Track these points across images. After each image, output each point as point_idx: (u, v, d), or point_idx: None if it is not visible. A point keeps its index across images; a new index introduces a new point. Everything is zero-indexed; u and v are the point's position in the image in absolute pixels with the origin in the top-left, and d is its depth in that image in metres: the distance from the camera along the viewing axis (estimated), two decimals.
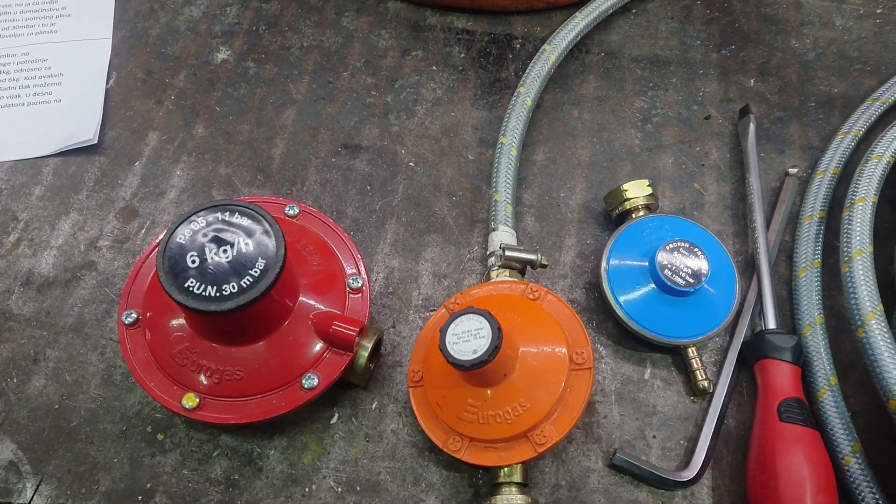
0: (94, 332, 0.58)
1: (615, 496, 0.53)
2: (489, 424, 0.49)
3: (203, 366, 0.50)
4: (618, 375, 0.57)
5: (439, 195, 0.65)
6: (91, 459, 0.53)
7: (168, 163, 0.66)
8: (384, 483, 0.53)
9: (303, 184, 0.65)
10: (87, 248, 0.62)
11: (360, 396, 0.56)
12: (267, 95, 0.70)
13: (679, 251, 0.56)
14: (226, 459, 0.53)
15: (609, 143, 0.68)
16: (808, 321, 0.57)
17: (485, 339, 0.46)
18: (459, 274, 0.61)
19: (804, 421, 0.51)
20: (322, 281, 0.54)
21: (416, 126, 0.69)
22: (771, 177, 0.66)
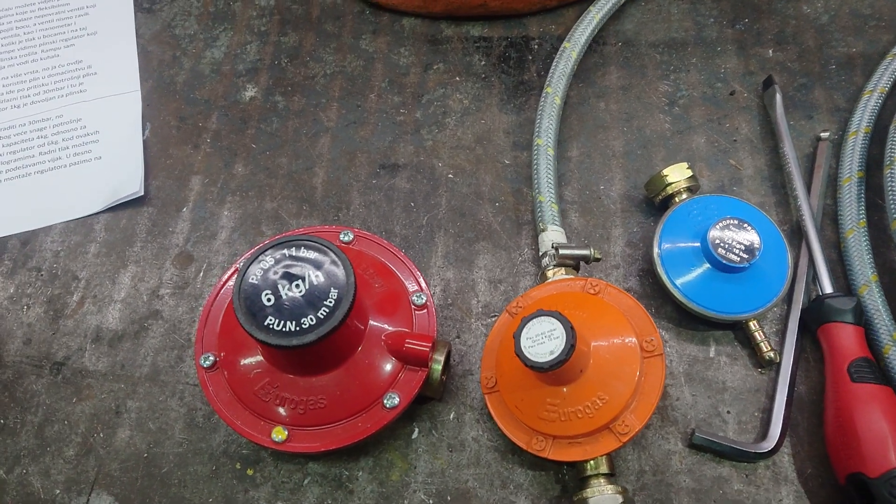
0: (169, 378, 0.60)
1: (699, 475, 0.54)
2: (571, 421, 0.51)
3: (286, 398, 0.52)
4: (684, 357, 0.58)
5: (482, 202, 0.66)
6: (187, 502, 0.55)
7: (214, 205, 0.68)
8: (473, 490, 0.54)
9: (348, 209, 0.67)
10: (150, 297, 0.63)
11: (437, 409, 0.57)
12: (299, 127, 0.72)
13: (730, 228, 0.57)
14: (317, 486, 0.55)
15: (640, 130, 0.69)
16: (863, 281, 0.58)
17: (559, 340, 0.47)
18: (514, 278, 0.62)
19: (875, 379, 0.52)
20: (387, 302, 0.55)
21: (448, 138, 0.70)
22: (804, 143, 0.67)
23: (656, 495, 0.53)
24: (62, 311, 0.63)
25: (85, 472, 0.56)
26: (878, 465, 0.49)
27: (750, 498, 0.53)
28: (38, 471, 0.56)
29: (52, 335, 0.62)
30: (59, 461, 0.57)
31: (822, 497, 0.53)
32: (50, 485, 0.56)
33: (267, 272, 0.49)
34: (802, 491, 0.53)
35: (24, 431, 0.58)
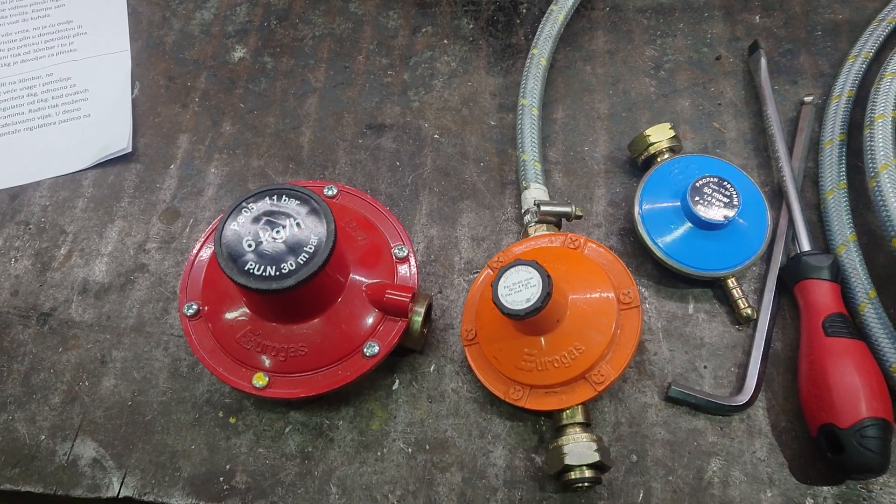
0: (154, 329, 0.60)
1: (675, 427, 0.55)
2: (547, 370, 0.51)
3: (268, 346, 0.52)
4: (662, 313, 0.59)
5: (467, 163, 0.67)
6: (170, 449, 0.56)
7: (202, 162, 0.68)
8: (452, 439, 0.55)
9: (334, 167, 0.67)
10: (137, 251, 0.64)
11: (418, 361, 0.58)
12: (287, 87, 0.72)
13: (709, 186, 0.57)
14: (298, 434, 0.56)
15: (625, 93, 0.70)
16: (842, 240, 0.59)
17: (536, 288, 0.48)
18: (497, 235, 0.63)
19: (849, 333, 0.53)
20: (369, 254, 0.56)
21: (435, 100, 0.70)
22: (787, 108, 0.68)
23: (631, 446, 0.54)
24: (49, 264, 0.64)
25: (70, 419, 0.57)
26: (849, 416, 0.49)
27: (724, 450, 0.54)
28: (24, 417, 0.57)
29: (39, 287, 0.63)
30: (45, 408, 0.57)
31: (794, 449, 0.54)
32: (35, 431, 0.57)
33: (249, 219, 0.49)
34: (775, 443, 0.54)
35: (10, 379, 0.59)
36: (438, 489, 0.53)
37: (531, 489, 0.53)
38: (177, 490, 0.54)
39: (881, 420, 0.49)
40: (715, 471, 0.53)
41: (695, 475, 0.53)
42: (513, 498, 0.53)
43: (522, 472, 0.54)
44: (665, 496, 0.52)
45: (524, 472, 0.54)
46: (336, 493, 0.54)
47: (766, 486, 0.52)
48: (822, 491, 0.52)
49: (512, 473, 0.54)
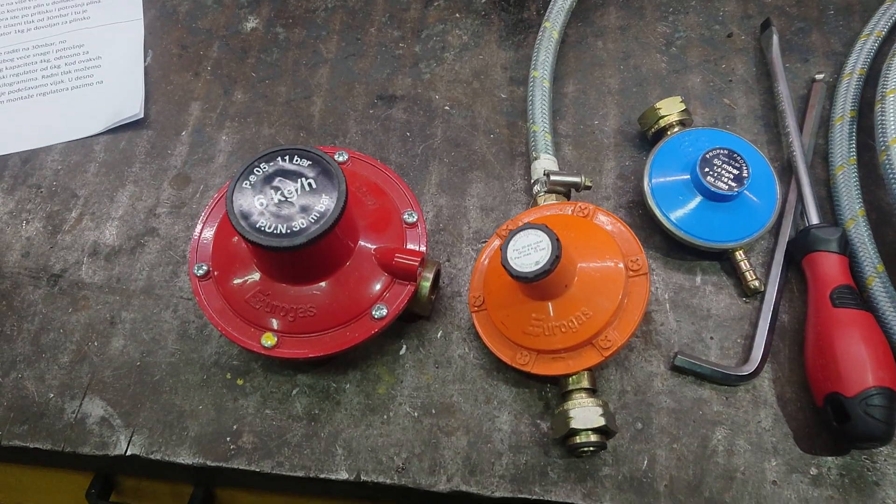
0: (164, 292, 0.61)
1: (680, 395, 0.55)
2: (555, 335, 0.52)
3: (277, 307, 0.53)
4: (670, 285, 0.59)
5: (477, 134, 0.67)
6: (177, 409, 0.56)
7: (213, 129, 0.68)
8: (457, 404, 0.55)
9: (344, 136, 0.67)
10: (147, 215, 0.64)
11: (425, 327, 0.58)
12: (299, 57, 0.72)
13: (719, 157, 0.57)
14: (305, 397, 0.56)
15: (636, 69, 0.70)
16: (850, 215, 0.59)
17: (545, 251, 0.48)
18: (506, 206, 0.63)
19: (857, 305, 0.53)
20: (379, 219, 0.56)
21: (446, 72, 0.71)
22: (798, 85, 0.68)
23: (636, 414, 0.54)
24: (60, 227, 0.64)
25: (78, 378, 0.57)
26: (855, 385, 0.49)
27: (729, 419, 0.54)
28: (33, 375, 0.58)
29: (50, 249, 0.63)
30: (54, 367, 0.58)
31: (799, 420, 0.54)
32: (44, 389, 0.57)
33: (261, 179, 0.50)
34: (781, 414, 0.54)
35: (20, 338, 0.59)
36: (444, 452, 0.54)
37: (536, 454, 0.53)
38: (184, 449, 0.55)
39: (887, 389, 0.49)
40: (720, 439, 0.53)
41: (699, 443, 0.53)
42: (517, 462, 0.53)
43: (528, 437, 0.54)
44: (669, 463, 0.53)
45: (529, 437, 0.54)
46: (342, 455, 0.54)
47: (771, 456, 0.53)
48: (827, 461, 0.52)
49: (517, 438, 0.54)
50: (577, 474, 0.53)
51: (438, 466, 0.53)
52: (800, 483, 0.52)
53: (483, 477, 0.53)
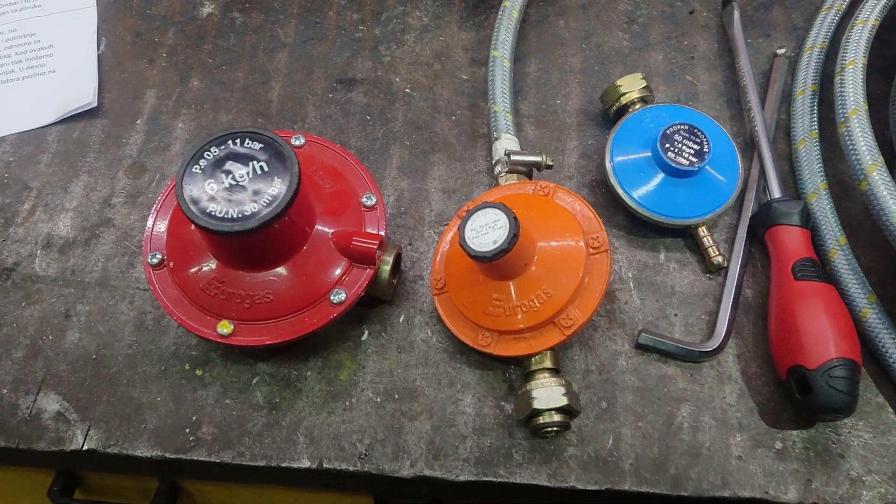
0: (120, 283, 0.59)
1: (644, 374, 0.54)
2: (516, 315, 0.51)
3: (232, 294, 0.52)
4: (633, 263, 0.59)
5: (438, 116, 0.66)
6: (135, 401, 0.55)
7: (169, 117, 0.67)
8: (421, 388, 0.54)
9: (303, 121, 0.66)
10: (102, 206, 0.63)
11: (387, 312, 0.57)
12: (257, 42, 0.71)
13: (679, 133, 0.57)
14: (265, 385, 0.55)
15: (598, 47, 0.69)
16: (812, 188, 0.59)
17: (503, 229, 0.47)
18: (468, 188, 0.62)
19: (819, 277, 0.53)
20: (337, 203, 0.55)
21: (407, 54, 0.70)
22: (760, 61, 0.67)
23: (601, 393, 0.54)
24: (13, 220, 0.63)
25: (33, 373, 0.56)
26: (818, 357, 0.49)
27: (693, 395, 0.54)
28: None
29: (3, 242, 0.61)
30: (7, 363, 0.56)
31: (764, 395, 0.53)
32: None
33: (211, 163, 0.49)
34: (745, 389, 0.54)
35: None
36: (407, 437, 0.53)
37: (500, 436, 0.53)
38: (142, 442, 0.53)
39: (849, 360, 0.49)
40: (685, 416, 0.53)
41: (664, 421, 0.53)
42: (482, 445, 0.52)
43: (492, 419, 0.53)
44: (635, 441, 0.52)
45: (493, 419, 0.53)
46: (304, 443, 0.53)
47: (736, 431, 0.52)
48: (792, 435, 0.52)
49: (481, 421, 0.53)
50: (542, 455, 0.52)
51: (402, 452, 0.52)
52: (765, 457, 0.51)
53: (447, 461, 0.52)
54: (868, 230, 0.59)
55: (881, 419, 0.52)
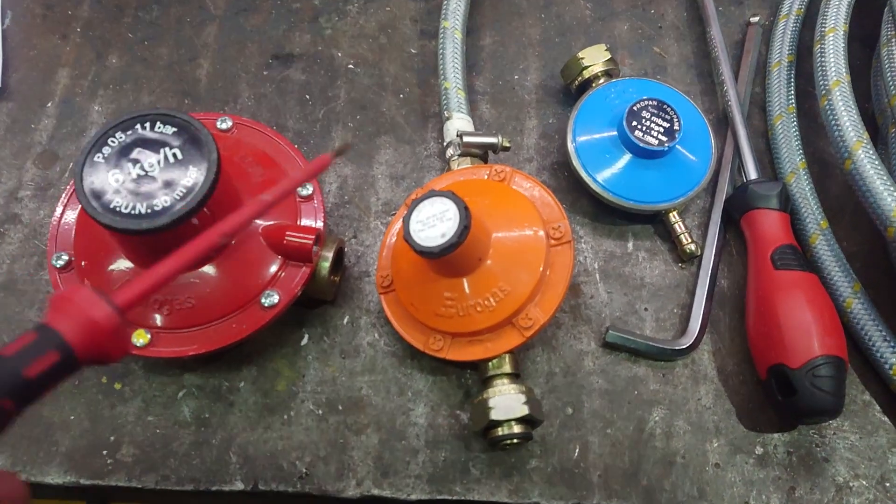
0: (28, 287, 0.53)
1: (613, 375, 0.50)
2: (470, 316, 0.46)
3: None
4: (599, 253, 0.54)
5: (385, 94, 0.60)
6: (45, 421, 0.49)
7: (84, 99, 0.60)
8: (367, 398, 0.49)
9: (235, 102, 0.60)
10: (8, 200, 0.56)
11: (330, 313, 0.52)
12: (182, 15, 0.64)
13: (647, 109, 0.52)
14: (193, 399, 0.49)
15: (558, 17, 0.63)
16: (791, 168, 0.54)
17: (452, 221, 0.42)
18: (418, 173, 0.57)
19: (800, 266, 0.48)
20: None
21: (349, 27, 0.63)
22: (732, 30, 0.63)
23: (566, 398, 0.49)
24: None
25: None
26: (801, 355, 0.45)
27: (666, 398, 0.49)
28: None
29: None
30: None
31: (742, 395, 0.49)
32: None
33: (116, 150, 0.42)
34: (722, 389, 0.49)
35: None
36: (352, 453, 0.47)
37: (456, 449, 0.48)
38: (53, 467, 0.47)
39: (835, 358, 0.45)
40: (657, 421, 0.48)
41: (635, 427, 0.48)
42: (435, 460, 0.47)
43: (446, 430, 0.48)
44: (603, 451, 0.47)
45: (448, 430, 0.48)
46: (237, 462, 0.47)
47: (713, 436, 0.48)
48: (773, 438, 0.48)
49: (435, 433, 0.48)
50: (503, 469, 0.47)
51: (347, 469, 0.47)
52: (744, 464, 0.47)
53: (397, 478, 0.47)
54: (850, 212, 0.55)
55: (868, 419, 0.48)
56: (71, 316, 0.27)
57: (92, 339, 0.27)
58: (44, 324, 0.26)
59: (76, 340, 0.26)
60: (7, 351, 0.25)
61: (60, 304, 0.27)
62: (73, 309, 0.27)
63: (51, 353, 0.26)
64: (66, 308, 0.27)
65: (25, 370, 0.25)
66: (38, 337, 0.26)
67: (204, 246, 0.32)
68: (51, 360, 0.26)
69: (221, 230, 0.32)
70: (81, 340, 0.27)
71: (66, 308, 0.27)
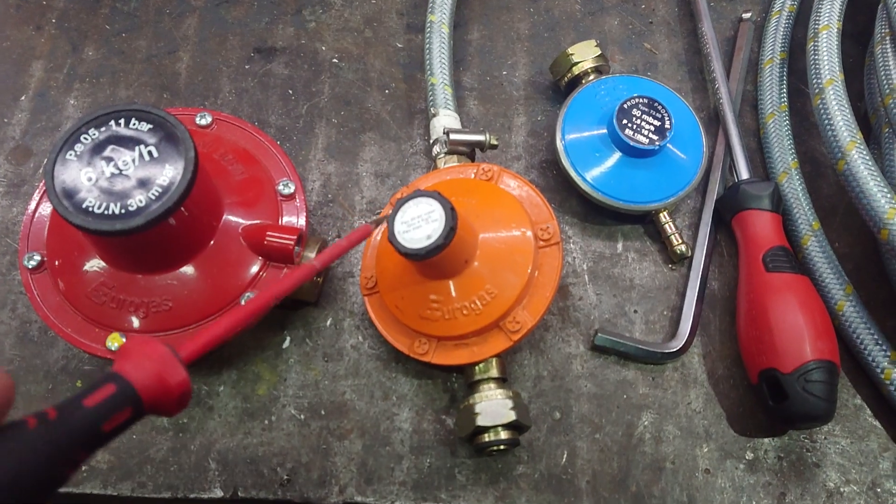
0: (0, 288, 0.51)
1: (602, 379, 0.49)
2: (456, 319, 0.44)
3: (124, 301, 0.44)
4: (588, 253, 0.53)
5: (370, 90, 0.59)
6: None
7: (59, 93, 0.58)
8: (351, 403, 0.48)
9: (216, 97, 0.58)
10: None
11: (312, 315, 0.50)
12: (162, 6, 0.62)
13: (638, 107, 0.50)
14: None
15: (547, 11, 0.62)
16: (783, 167, 0.53)
17: (438, 222, 0.41)
18: (404, 171, 0.55)
19: (792, 268, 0.47)
20: (248, 192, 0.48)
21: (334, 19, 0.62)
22: (724, 26, 0.62)
23: (554, 402, 0.48)
24: None
25: None
26: (793, 360, 0.44)
27: (656, 402, 0.48)
28: None
29: None
30: None
31: (732, 399, 0.48)
32: None
33: (89, 148, 0.41)
34: (712, 393, 0.49)
35: None
36: (335, 460, 0.46)
37: (441, 455, 0.46)
38: None
39: (827, 362, 0.44)
40: (646, 426, 0.47)
41: (624, 432, 0.47)
42: (420, 466, 0.46)
43: (431, 436, 0.47)
44: (592, 456, 0.46)
45: (433, 436, 0.47)
46: (216, 469, 0.46)
47: (703, 441, 0.47)
48: (763, 443, 0.47)
49: (419, 438, 0.47)
50: (489, 475, 0.46)
51: (329, 476, 0.46)
52: (734, 469, 0.46)
53: (381, 485, 0.46)
54: (842, 212, 0.54)
55: (859, 423, 0.48)
56: (148, 374, 0.27)
57: (163, 400, 0.27)
58: (122, 377, 0.26)
59: (148, 398, 0.27)
60: (89, 402, 0.25)
61: (139, 360, 0.27)
62: (152, 367, 0.27)
63: (127, 409, 0.26)
64: (144, 365, 0.27)
65: (104, 425, 0.25)
66: (116, 391, 0.26)
67: (262, 306, 0.32)
68: (126, 415, 0.26)
69: (275, 293, 0.32)
70: (153, 399, 0.27)
71: (144, 365, 0.27)
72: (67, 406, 0.25)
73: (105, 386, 0.26)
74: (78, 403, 0.25)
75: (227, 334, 0.30)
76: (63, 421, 0.25)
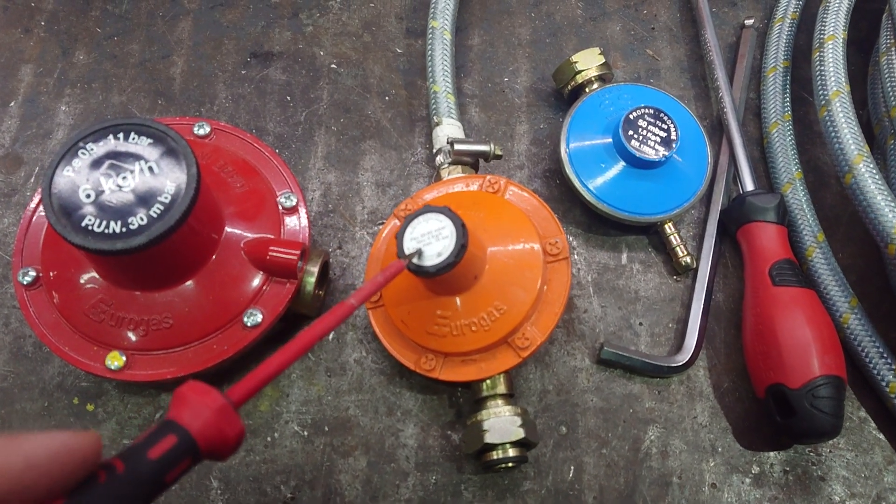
0: None
1: (608, 392, 0.48)
2: (464, 335, 0.44)
3: (124, 318, 0.43)
4: (593, 265, 0.52)
5: (370, 96, 0.57)
6: None
7: (49, 98, 0.57)
8: (355, 418, 0.47)
9: (212, 103, 0.57)
10: None
11: None
12: (154, 8, 0.61)
13: (644, 118, 0.50)
14: None
15: (549, 16, 0.61)
16: (787, 178, 0.53)
17: (448, 239, 0.40)
18: (405, 180, 0.55)
19: (799, 282, 0.47)
20: (249, 204, 0.47)
21: (332, 24, 0.61)
22: (727, 33, 0.61)
23: (560, 417, 0.48)
24: None
25: None
26: (800, 375, 0.44)
27: (662, 416, 0.48)
28: None
29: None
30: None
31: (738, 413, 0.48)
32: None
33: (87, 163, 0.39)
34: (718, 407, 0.48)
35: None
36: (340, 477, 0.46)
37: (447, 471, 0.46)
38: None
39: (834, 378, 0.44)
40: (653, 440, 0.47)
41: (631, 446, 0.47)
42: (426, 483, 0.46)
43: (437, 452, 0.46)
44: (598, 471, 0.46)
45: (439, 452, 0.46)
46: (218, 488, 0.45)
47: (709, 455, 0.47)
48: (769, 457, 0.47)
49: (425, 454, 0.46)
50: (496, 492, 0.46)
51: (334, 494, 0.45)
52: (741, 484, 0.46)
53: (386, 502, 0.45)
54: (846, 223, 0.54)
55: (864, 436, 0.48)
56: (208, 426, 0.26)
57: (220, 449, 0.27)
58: (182, 427, 0.26)
59: (206, 448, 0.26)
60: (153, 454, 0.25)
61: (199, 410, 0.26)
62: (211, 419, 0.26)
63: (187, 459, 0.26)
64: (204, 415, 0.26)
65: (166, 476, 0.25)
66: (178, 443, 0.25)
67: (308, 344, 0.31)
68: (185, 465, 0.26)
69: (319, 332, 0.31)
70: (211, 448, 0.26)
71: (204, 415, 0.26)
72: (132, 457, 0.25)
73: (167, 437, 0.25)
74: (142, 455, 0.25)
75: (275, 375, 0.30)
76: (130, 474, 0.24)
